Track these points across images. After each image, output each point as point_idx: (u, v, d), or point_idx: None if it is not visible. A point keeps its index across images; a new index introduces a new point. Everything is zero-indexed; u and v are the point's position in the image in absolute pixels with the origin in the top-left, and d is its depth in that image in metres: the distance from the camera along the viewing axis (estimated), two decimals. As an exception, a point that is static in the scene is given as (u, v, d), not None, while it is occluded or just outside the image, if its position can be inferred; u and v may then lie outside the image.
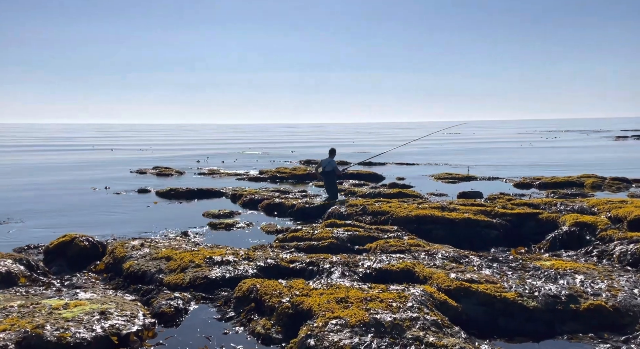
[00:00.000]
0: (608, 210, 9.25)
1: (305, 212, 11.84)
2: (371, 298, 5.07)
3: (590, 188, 15.81)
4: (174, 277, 6.24)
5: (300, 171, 20.40)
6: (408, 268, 6.22)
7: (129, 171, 22.46)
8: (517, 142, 47.86)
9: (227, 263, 6.58)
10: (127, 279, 6.63)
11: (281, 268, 6.55)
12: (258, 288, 5.47)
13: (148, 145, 48.77)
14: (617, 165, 22.84)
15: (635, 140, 46.60)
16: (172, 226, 10.58)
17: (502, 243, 8.84)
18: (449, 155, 31.22)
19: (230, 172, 22.16)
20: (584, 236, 8.25)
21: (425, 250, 7.43)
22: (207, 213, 11.96)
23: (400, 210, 10.29)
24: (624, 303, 5.09)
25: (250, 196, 13.79)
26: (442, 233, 9.14)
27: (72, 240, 7.82)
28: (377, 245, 7.92)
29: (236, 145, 47.21)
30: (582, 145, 41.33)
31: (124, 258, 7.14)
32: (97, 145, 47.97)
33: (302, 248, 8.05)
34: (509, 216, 9.59)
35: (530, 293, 5.27)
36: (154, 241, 8.11)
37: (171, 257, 6.81)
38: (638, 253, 6.89)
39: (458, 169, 22.33)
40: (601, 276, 5.87)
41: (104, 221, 11.30)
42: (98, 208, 13.18)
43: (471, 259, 6.87)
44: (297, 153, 35.34)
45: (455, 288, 5.41)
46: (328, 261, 6.62)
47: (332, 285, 5.55)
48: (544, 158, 28.85)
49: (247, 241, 9.29)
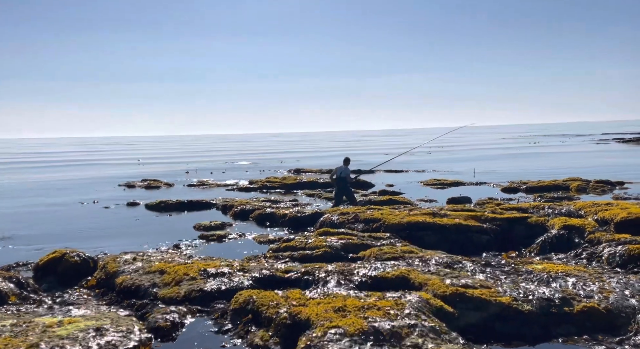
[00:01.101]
0: (595, 213, 9.43)
1: (297, 221, 11.85)
2: (368, 306, 5.08)
3: (575, 191, 16.11)
4: (168, 291, 6.18)
5: (290, 180, 20.41)
6: (403, 275, 6.25)
7: (117, 184, 22.22)
8: (503, 147, 48.55)
9: (222, 275, 6.54)
10: (120, 294, 6.55)
11: (277, 279, 6.54)
12: (255, 300, 5.46)
13: (135, 158, 48.31)
14: (599, 168, 23.32)
15: (617, 144, 47.64)
16: (164, 239, 10.49)
17: (493, 247, 8.95)
18: (434, 162, 31.53)
19: (219, 182, 22.07)
20: (572, 239, 8.40)
21: (418, 256, 7.48)
22: (198, 225, 11.88)
23: (391, 217, 10.35)
24: (616, 305, 5.19)
25: (241, 206, 13.75)
26: (434, 239, 9.22)
27: (62, 256, 7.69)
28: (371, 253, 7.95)
29: (224, 156, 47.04)
30: (563, 151, 42.10)
31: (117, 273, 7.05)
32: (82, 160, 47.34)
33: (297, 257, 8.04)
34: (499, 221, 9.72)
35: (524, 297, 5.35)
36: (146, 254, 8.02)
37: (165, 270, 6.75)
38: (626, 255, 7.03)
39: (446, 175, 22.57)
40: (592, 278, 5.98)
41: (94, 236, 11.15)
42: (87, 223, 13.00)
43: (464, 264, 6.94)
44: (286, 163, 35.35)
45: (450, 294, 5.45)
46: (323, 270, 6.62)
47: (328, 294, 5.55)
48: (528, 163, 29.31)
49: (240, 252, 9.25)
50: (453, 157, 35.93)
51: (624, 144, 46.31)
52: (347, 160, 13.84)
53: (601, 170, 21.67)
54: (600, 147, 43.89)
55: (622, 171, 21.37)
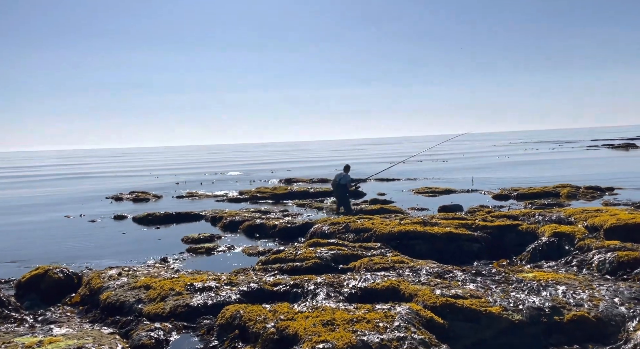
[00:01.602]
0: (585, 220, 9.44)
1: (287, 232, 11.74)
2: (357, 319, 4.99)
3: (566, 197, 16.18)
4: (153, 307, 6.04)
5: (281, 190, 20.30)
6: (393, 286, 6.17)
7: (105, 197, 21.94)
8: (496, 154, 48.88)
9: (208, 289, 6.41)
10: (104, 311, 6.38)
11: (265, 292, 6.42)
12: (242, 314, 5.33)
13: (123, 170, 47.89)
14: (589, 175, 23.50)
15: (606, 149, 48.19)
16: (151, 253, 10.32)
17: (484, 256, 8.91)
18: (426, 171, 31.60)
19: (209, 194, 21.89)
20: (563, 246, 8.38)
21: (409, 266, 7.41)
22: (186, 237, 11.72)
23: (382, 226, 10.28)
24: (605, 313, 5.15)
25: (230, 218, 13.61)
26: (425, 248, 9.16)
27: (45, 273, 7.52)
28: (361, 264, 7.86)
29: (214, 167, 46.80)
30: (553, 157, 42.47)
31: (101, 289, 6.89)
32: (66, 173, 46.82)
33: (286, 269, 7.93)
34: (490, 229, 9.70)
35: (514, 307, 5.29)
36: (132, 269, 7.87)
37: (150, 286, 6.61)
38: (616, 262, 7.02)
39: (437, 183, 22.60)
40: (582, 286, 5.94)
41: (79, 251, 10.94)
42: (72, 237, 12.78)
43: (455, 274, 6.88)
44: (277, 173, 35.23)
45: (440, 305, 5.38)
46: (312, 282, 6.52)
47: (317, 307, 5.45)
48: (518, 170, 29.47)
49: (228, 265, 9.11)
50: (446, 166, 36.06)
51: (614, 150, 46.85)
52: (348, 167, 14.00)
53: (591, 177, 21.85)
54: (590, 152, 44.37)
55: (611, 177, 21.56)
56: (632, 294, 5.68)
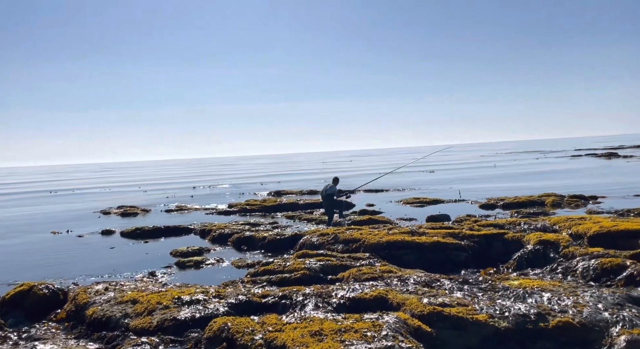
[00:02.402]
0: (569, 227, 9.60)
1: (276, 244, 11.72)
2: (345, 329, 5.01)
3: (551, 206, 16.42)
4: (140, 321, 5.98)
5: (270, 202, 20.27)
6: (381, 296, 6.20)
7: (92, 212, 21.70)
8: (483, 164, 49.42)
9: (196, 302, 6.37)
10: (90, 326, 6.30)
11: (253, 304, 6.40)
12: (229, 327, 5.31)
13: (111, 185, 47.41)
14: (574, 183, 23.89)
15: (589, 158, 49.02)
16: (139, 267, 10.22)
17: (471, 264, 8.99)
18: (415, 181, 31.82)
19: (198, 207, 21.77)
20: (548, 253, 8.50)
21: (397, 275, 7.45)
22: (175, 251, 11.63)
23: (371, 236, 10.33)
24: (590, 319, 5.23)
25: (219, 231, 13.55)
26: (413, 257, 9.23)
27: (30, 289, 7.40)
28: (349, 274, 7.88)
29: (203, 181, 46.58)
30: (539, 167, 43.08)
31: (87, 305, 6.80)
32: (54, 189, 46.21)
33: (274, 281, 7.92)
34: (477, 238, 9.80)
35: (500, 314, 5.35)
36: (119, 284, 7.78)
37: (137, 300, 6.55)
38: (599, 268, 7.14)
39: (425, 194, 22.77)
40: (567, 292, 6.03)
41: (66, 267, 10.79)
42: (59, 253, 12.59)
43: (442, 282, 6.93)
44: (266, 185, 35.18)
45: (428, 313, 5.42)
46: (301, 293, 6.52)
47: (305, 318, 5.46)
48: (506, 179, 29.83)
49: (217, 277, 9.06)
50: (433, 176, 36.34)
51: (597, 159, 47.68)
52: (336, 180, 14.82)
53: (575, 185, 22.21)
54: (574, 162, 45.09)
55: (595, 186, 21.93)
56: (615, 300, 5.78)
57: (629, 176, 26.34)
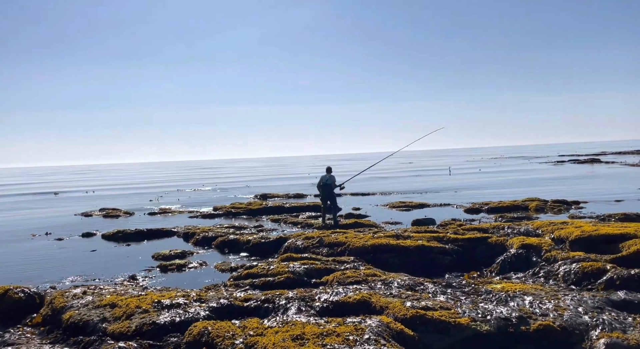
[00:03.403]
0: (551, 232, 9.69)
1: (261, 247, 11.61)
2: (327, 332, 4.95)
3: (534, 211, 16.60)
4: (118, 325, 5.84)
5: (256, 205, 20.13)
6: (365, 299, 6.17)
7: (74, 214, 21.29)
8: (469, 169, 49.88)
9: (177, 306, 6.25)
10: (66, 331, 6.14)
11: (235, 308, 6.30)
12: (210, 331, 5.22)
13: (93, 187, 46.66)
14: (557, 188, 24.23)
15: (572, 164, 49.85)
16: (120, 270, 10.02)
17: (455, 268, 9.01)
18: (402, 185, 31.96)
19: (183, 210, 21.52)
20: (530, 257, 8.56)
21: (381, 279, 7.43)
22: (157, 254, 11.45)
23: (356, 240, 10.31)
24: (570, 322, 5.26)
25: (203, 234, 13.39)
26: (398, 261, 9.22)
27: (4, 293, 7.20)
28: (334, 277, 7.83)
29: (189, 183, 46.15)
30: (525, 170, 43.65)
31: (64, 309, 6.63)
32: (35, 191, 45.32)
33: (258, 285, 7.83)
34: (461, 242, 9.84)
35: (482, 317, 5.35)
36: (98, 287, 7.61)
37: (116, 304, 6.40)
38: (580, 272, 7.21)
39: (411, 197, 22.87)
40: (548, 296, 6.07)
41: (44, 270, 10.53)
42: (38, 256, 12.29)
43: (426, 286, 6.93)
44: (252, 188, 34.98)
45: (411, 317, 5.40)
46: (284, 297, 6.45)
47: (287, 322, 5.39)
48: (491, 183, 30.14)
49: (200, 281, 8.93)
50: (420, 180, 36.54)
51: (579, 164, 48.50)
52: (330, 169, 14.94)
53: (558, 190, 22.52)
54: (557, 167, 45.79)
55: (577, 191, 22.27)
56: (595, 303, 5.83)
57: (611, 182, 26.82)
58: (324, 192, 14.56)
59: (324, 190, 14.53)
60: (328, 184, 14.49)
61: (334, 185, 14.53)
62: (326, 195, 14.52)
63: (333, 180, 14.54)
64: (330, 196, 14.53)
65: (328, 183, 14.47)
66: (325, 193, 14.52)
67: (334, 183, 14.50)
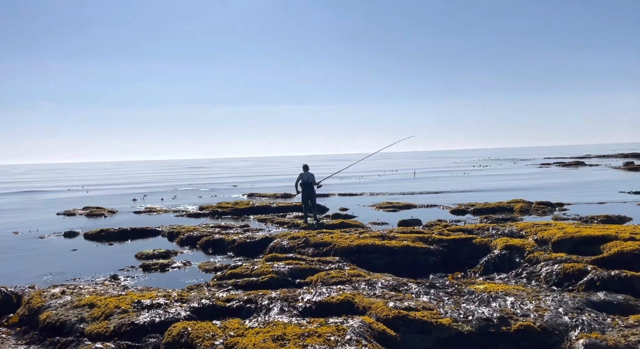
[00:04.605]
0: (535, 233, 9.78)
1: (246, 247, 11.52)
2: (309, 333, 4.91)
3: (519, 212, 16.77)
4: (96, 326, 5.72)
5: (243, 205, 20.00)
6: (348, 299, 6.14)
7: (56, 213, 20.93)
8: (453, 171, 50.25)
9: (157, 306, 6.15)
10: (43, 331, 6.00)
11: (217, 308, 6.22)
12: (189, 332, 5.14)
13: (79, 185, 45.99)
14: (541, 190, 24.52)
15: (557, 167, 50.54)
16: (101, 270, 9.86)
17: (440, 268, 9.03)
18: (388, 184, 32.06)
19: (168, 209, 21.30)
20: (514, 258, 8.63)
21: (365, 279, 7.41)
22: (140, 254, 11.29)
23: (341, 240, 10.28)
24: (550, 323, 5.29)
25: (188, 233, 13.25)
26: (383, 261, 9.21)
27: (-20, 292, 7.02)
28: (318, 278, 7.79)
29: (175, 182, 45.73)
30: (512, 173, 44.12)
31: (41, 309, 6.49)
32: (18, 187, 44.55)
33: (241, 285, 7.75)
34: (446, 242, 9.88)
35: (464, 318, 5.36)
36: (78, 287, 7.47)
37: (95, 304, 6.28)
38: (562, 273, 7.28)
39: (398, 198, 22.94)
40: (529, 297, 6.11)
41: (24, 269, 10.32)
42: (18, 254, 12.05)
43: (410, 286, 6.93)
44: (239, 187, 34.78)
45: (393, 317, 5.38)
46: (267, 297, 6.39)
47: (269, 323, 5.33)
48: (477, 185, 30.40)
49: (182, 281, 8.83)
50: (407, 181, 36.70)
51: (564, 167, 49.20)
52: (307, 167, 14.80)
53: (543, 192, 22.78)
54: (542, 170, 46.38)
55: (562, 193, 22.55)
56: (575, 304, 5.89)
57: (594, 185, 27.23)
58: (306, 191, 14.42)
59: (305, 189, 14.40)
60: (309, 183, 14.41)
61: (314, 183, 14.49)
62: (309, 193, 14.43)
63: (313, 179, 14.54)
64: (312, 196, 14.48)
65: (309, 181, 14.45)
66: (308, 192, 14.43)
67: (314, 181, 14.51)
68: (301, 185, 14.53)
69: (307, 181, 14.42)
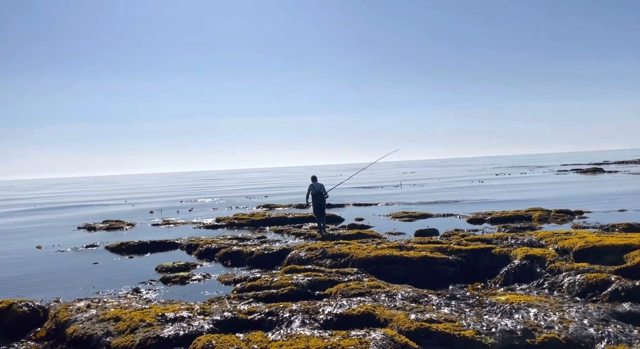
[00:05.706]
0: (555, 242, 9.68)
1: (264, 259, 11.61)
2: (332, 346, 4.95)
3: (537, 221, 16.55)
4: (122, 339, 5.84)
5: (259, 217, 20.14)
6: (369, 312, 6.16)
7: (77, 227, 21.33)
8: (470, 179, 49.82)
9: (180, 319, 6.25)
10: (70, 345, 6.14)
11: (239, 321, 6.29)
12: (214, 345, 5.22)
13: (97, 199, 46.79)
14: (560, 198, 24.16)
15: (575, 174, 49.76)
16: (123, 283, 10.02)
17: (459, 279, 8.98)
18: (404, 195, 31.93)
19: (185, 221, 21.54)
20: (534, 268, 8.54)
21: (385, 291, 7.41)
22: (160, 266, 11.45)
23: (359, 251, 10.30)
24: (575, 335, 5.24)
25: (206, 245, 13.40)
26: (402, 272, 9.20)
27: (9, 307, 7.21)
28: (337, 289, 7.82)
29: (191, 194, 46.22)
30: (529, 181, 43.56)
31: (68, 322, 6.64)
32: (40, 203, 45.49)
33: (261, 297, 7.82)
34: (464, 253, 9.82)
35: (487, 330, 5.33)
36: (102, 301, 7.62)
37: (120, 317, 6.40)
38: (585, 284, 7.19)
39: (414, 207, 22.85)
40: (553, 308, 6.05)
41: (48, 283, 10.54)
42: (42, 269, 12.30)
43: (430, 298, 6.91)
44: (254, 199, 35.01)
45: (415, 330, 5.38)
46: (288, 309, 6.44)
47: (291, 335, 5.38)
48: (493, 193, 30.09)
49: (203, 294, 8.93)
50: (423, 190, 36.52)
51: (582, 174, 48.41)
52: (315, 178, 15.07)
53: (561, 200, 22.45)
54: (560, 177, 45.71)
55: (581, 200, 22.20)
56: (600, 315, 5.81)
57: (614, 192, 26.74)
58: (318, 201, 14.57)
59: (316, 199, 14.55)
60: (321, 193, 14.62)
61: (324, 192, 14.70)
62: (320, 204, 14.61)
63: (323, 189, 14.78)
64: (322, 205, 14.69)
65: (321, 191, 14.66)
66: (319, 202, 14.62)
67: (324, 191, 14.75)
68: (312, 196, 14.70)
69: (319, 191, 14.62)
